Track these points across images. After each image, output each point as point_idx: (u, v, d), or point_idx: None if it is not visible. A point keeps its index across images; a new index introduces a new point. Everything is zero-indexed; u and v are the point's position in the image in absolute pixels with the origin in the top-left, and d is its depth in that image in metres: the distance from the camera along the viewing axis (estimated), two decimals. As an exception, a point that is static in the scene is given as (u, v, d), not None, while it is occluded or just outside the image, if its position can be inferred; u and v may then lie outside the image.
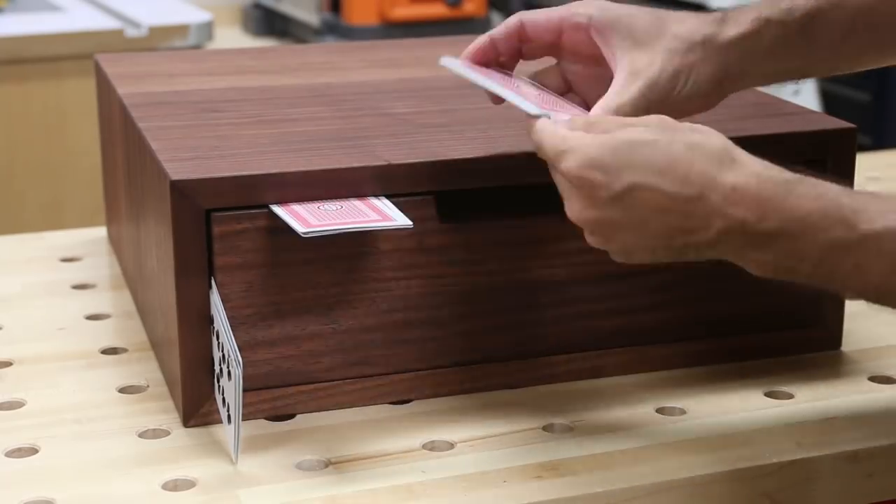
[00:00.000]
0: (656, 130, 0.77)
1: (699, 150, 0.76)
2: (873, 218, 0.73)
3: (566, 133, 0.79)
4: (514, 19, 0.92)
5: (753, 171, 0.75)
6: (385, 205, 0.86)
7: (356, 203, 0.86)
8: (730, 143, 0.77)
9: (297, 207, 0.85)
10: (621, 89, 0.86)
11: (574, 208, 0.79)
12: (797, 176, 0.75)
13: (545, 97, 0.90)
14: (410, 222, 0.84)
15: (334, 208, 0.85)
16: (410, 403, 0.91)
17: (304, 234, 0.81)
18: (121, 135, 1.08)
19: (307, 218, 0.84)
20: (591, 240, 0.79)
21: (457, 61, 0.92)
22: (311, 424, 0.88)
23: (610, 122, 0.80)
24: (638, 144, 0.76)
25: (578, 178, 0.77)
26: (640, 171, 0.75)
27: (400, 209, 0.87)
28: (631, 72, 0.86)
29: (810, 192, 0.74)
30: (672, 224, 0.76)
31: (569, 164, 0.77)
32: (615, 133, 0.77)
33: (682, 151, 0.75)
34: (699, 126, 0.78)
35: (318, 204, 0.85)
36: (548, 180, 0.91)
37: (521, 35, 0.92)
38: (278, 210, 0.84)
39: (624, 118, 0.81)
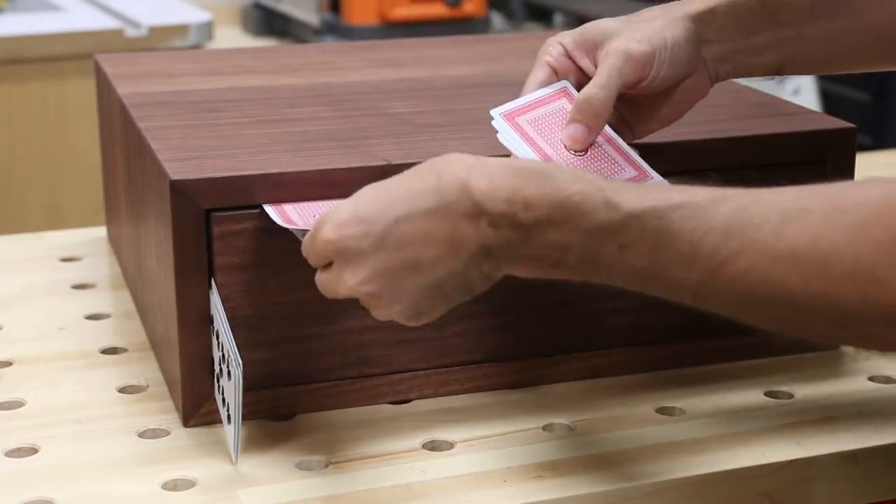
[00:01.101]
0: (395, 180, 0.76)
1: (441, 161, 0.75)
2: (635, 199, 0.70)
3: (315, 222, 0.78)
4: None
5: (505, 165, 0.73)
6: None
7: None
8: (476, 157, 0.75)
9: (290, 211, 0.85)
10: (598, 74, 0.86)
11: (345, 279, 0.76)
12: (550, 164, 0.75)
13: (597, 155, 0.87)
14: None
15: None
16: (410, 403, 0.91)
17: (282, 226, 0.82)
18: (121, 135, 1.08)
19: (292, 217, 0.84)
20: (376, 306, 0.76)
21: (506, 126, 0.88)
22: (311, 424, 0.88)
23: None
24: (386, 184, 0.75)
25: (340, 238, 0.75)
26: (398, 204, 0.74)
27: None
28: (605, 53, 0.86)
29: (568, 177, 0.72)
30: (446, 243, 0.73)
31: (324, 235, 0.76)
32: (360, 193, 0.76)
33: (428, 169, 0.75)
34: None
35: (314, 212, 0.84)
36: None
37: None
38: (270, 211, 0.84)
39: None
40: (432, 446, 0.86)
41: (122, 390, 0.94)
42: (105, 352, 1.00)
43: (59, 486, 0.81)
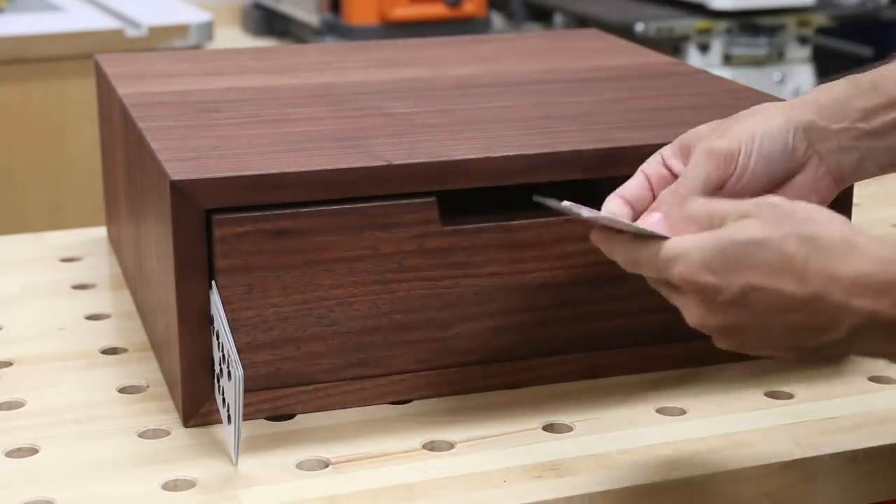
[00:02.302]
0: (767, 224, 0.72)
1: (814, 243, 0.70)
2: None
3: (668, 242, 0.74)
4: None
5: (875, 256, 0.69)
6: None
7: None
8: (850, 227, 0.71)
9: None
10: (682, 174, 0.81)
11: (693, 315, 0.74)
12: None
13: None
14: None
15: None
16: (410, 403, 0.91)
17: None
18: (121, 135, 1.08)
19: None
20: (721, 343, 0.75)
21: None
22: (311, 424, 0.88)
23: (716, 214, 0.75)
24: (748, 244, 0.71)
25: (691, 283, 0.72)
26: (754, 272, 0.71)
27: (401, 212, 0.87)
28: (692, 155, 0.82)
29: None
30: (798, 324, 0.71)
31: (679, 270, 0.73)
32: (723, 231, 0.73)
33: (796, 247, 0.70)
34: (815, 211, 0.73)
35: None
36: (548, 180, 0.91)
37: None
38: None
39: (732, 206, 0.75)
40: (432, 446, 0.86)
41: (122, 390, 0.94)
42: (105, 352, 1.00)
43: (59, 486, 0.81)
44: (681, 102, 1.06)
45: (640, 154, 0.92)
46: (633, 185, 0.83)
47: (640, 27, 2.78)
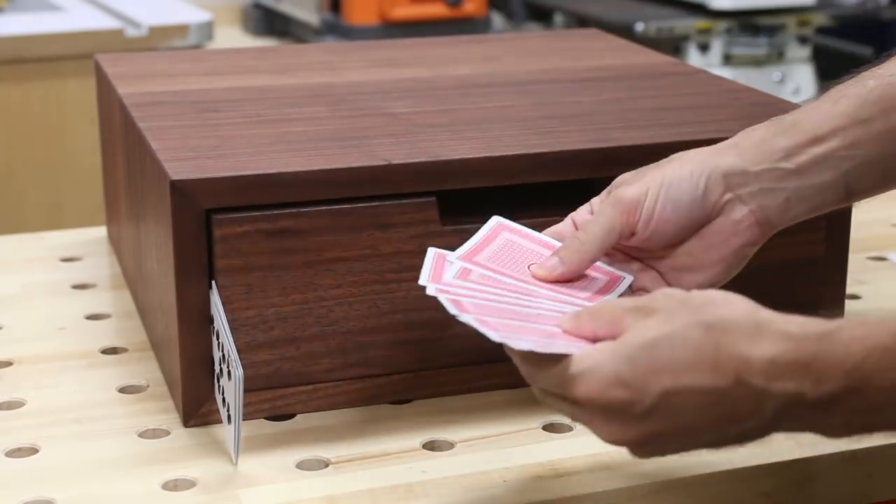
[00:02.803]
0: (667, 318, 0.68)
1: (719, 329, 0.67)
2: None
3: (571, 360, 0.69)
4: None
5: (785, 334, 0.67)
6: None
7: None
8: (751, 305, 0.69)
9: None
10: (596, 216, 0.82)
11: (607, 432, 0.70)
12: (833, 322, 0.67)
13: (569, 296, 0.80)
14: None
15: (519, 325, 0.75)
16: (410, 403, 0.91)
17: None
18: (121, 135, 1.08)
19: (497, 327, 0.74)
20: (640, 454, 0.71)
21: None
22: (311, 424, 0.88)
23: (613, 313, 0.71)
24: (653, 345, 0.67)
25: (602, 400, 0.68)
26: (667, 374, 0.67)
27: (401, 212, 0.87)
28: (609, 198, 0.82)
29: (855, 334, 0.66)
30: (721, 416, 0.67)
31: (586, 390, 0.68)
32: (626, 337, 0.69)
33: (702, 337, 0.67)
34: (714, 295, 0.70)
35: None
36: (548, 180, 0.91)
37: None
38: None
39: (627, 303, 0.71)
40: (432, 446, 0.86)
41: (122, 390, 0.94)
42: (105, 352, 1.00)
43: (59, 486, 0.81)
44: (681, 102, 1.06)
45: (640, 154, 0.92)
46: (559, 228, 0.85)
47: (640, 27, 2.78)
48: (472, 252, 0.82)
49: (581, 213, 0.85)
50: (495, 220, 0.85)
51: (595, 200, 0.85)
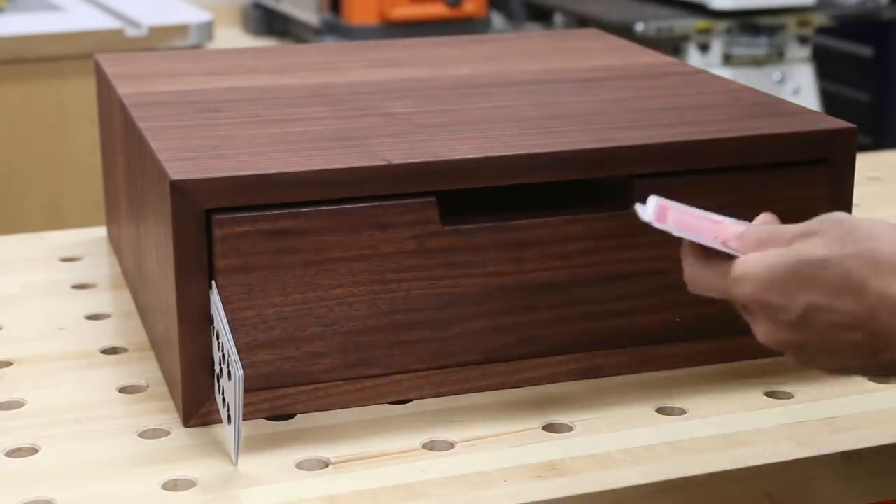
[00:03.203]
0: (830, 242, 0.73)
1: (873, 261, 0.71)
2: None
3: (735, 263, 0.75)
4: None
5: None
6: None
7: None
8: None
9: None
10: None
11: (762, 332, 0.75)
12: None
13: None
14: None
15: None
16: (410, 403, 0.91)
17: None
18: (121, 135, 1.08)
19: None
20: (795, 362, 0.76)
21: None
22: (311, 424, 0.88)
23: (781, 235, 0.75)
24: (809, 264, 0.73)
25: (757, 302, 0.74)
26: (815, 291, 0.72)
27: (401, 212, 0.87)
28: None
29: None
30: (859, 343, 0.72)
31: (744, 290, 0.74)
32: (787, 250, 0.74)
33: (856, 266, 0.71)
34: (878, 228, 0.73)
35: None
36: (548, 180, 0.91)
37: None
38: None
39: (793, 228, 0.76)
40: (432, 446, 0.86)
41: (122, 390, 0.94)
42: (105, 352, 1.00)
43: (59, 486, 0.81)
44: (681, 102, 1.06)
45: (641, 154, 0.92)
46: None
47: (640, 27, 2.78)
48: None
49: None
50: (655, 201, 0.82)
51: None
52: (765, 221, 0.80)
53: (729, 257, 0.77)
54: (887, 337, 0.71)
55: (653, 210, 0.80)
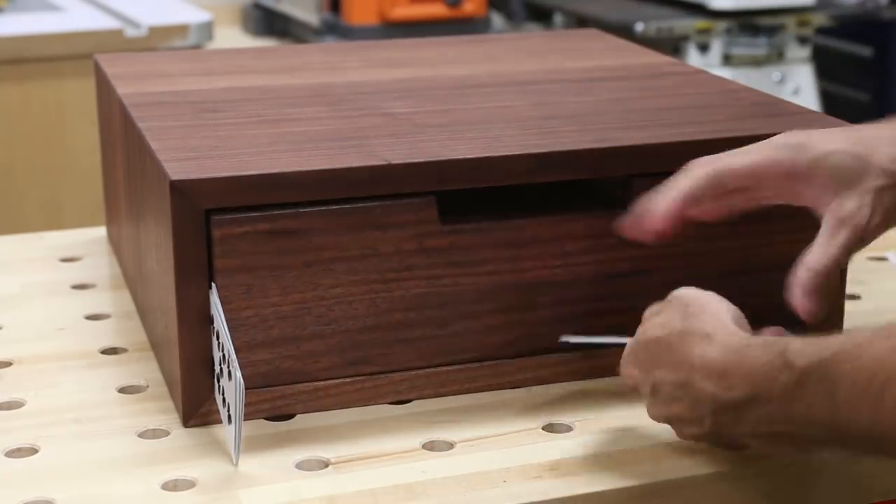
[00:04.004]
0: (658, 324, 0.81)
1: (687, 334, 0.78)
2: (807, 352, 0.71)
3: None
4: (703, 169, 0.86)
5: (723, 342, 0.76)
6: None
7: None
8: (729, 317, 0.79)
9: None
10: (827, 242, 0.84)
11: (650, 406, 0.82)
12: (763, 337, 0.76)
13: None
14: None
15: None
16: (410, 403, 0.91)
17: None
18: (121, 135, 1.08)
19: None
20: (680, 434, 0.82)
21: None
22: (311, 424, 0.88)
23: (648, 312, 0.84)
24: (645, 343, 0.81)
25: (625, 376, 0.83)
26: (658, 368, 0.79)
27: (400, 211, 0.87)
28: (837, 220, 0.84)
29: (763, 343, 0.74)
30: (686, 412, 0.78)
31: (622, 370, 0.83)
32: (639, 330, 0.83)
33: (677, 342, 0.79)
34: (708, 303, 0.81)
35: None
36: (548, 180, 0.91)
37: (716, 187, 0.86)
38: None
39: (653, 307, 0.84)
40: (432, 446, 0.86)
41: (122, 390, 0.94)
42: (105, 352, 1.00)
43: (59, 486, 0.81)
44: (681, 102, 1.06)
45: (640, 154, 0.92)
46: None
47: (640, 27, 2.78)
48: None
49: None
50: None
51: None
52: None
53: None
54: (698, 398, 0.76)
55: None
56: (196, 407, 0.87)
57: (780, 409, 0.72)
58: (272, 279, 0.87)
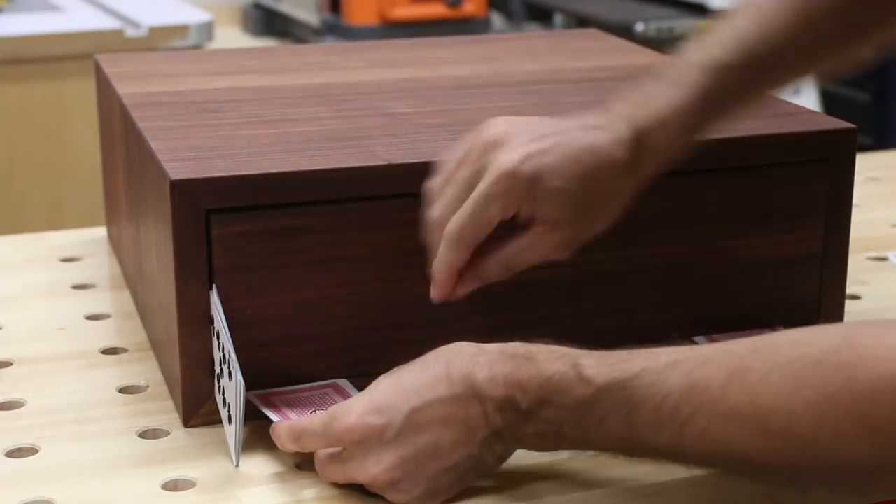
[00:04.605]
0: (406, 373, 0.79)
1: (450, 358, 0.78)
2: (604, 372, 0.74)
3: (321, 414, 0.80)
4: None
5: (501, 351, 0.77)
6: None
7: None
8: (476, 347, 0.79)
9: (290, 414, 0.85)
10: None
11: (367, 467, 0.77)
12: (535, 346, 0.77)
13: None
14: None
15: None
16: (410, 403, 0.91)
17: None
18: (121, 135, 1.08)
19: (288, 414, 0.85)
20: (395, 491, 0.77)
21: None
22: (311, 424, 0.88)
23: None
24: (399, 376, 0.79)
25: (359, 429, 0.77)
26: (413, 394, 0.77)
27: (400, 211, 0.87)
28: None
29: (548, 356, 0.76)
30: (461, 429, 0.77)
31: (344, 422, 0.77)
32: (373, 386, 0.79)
33: (435, 364, 0.78)
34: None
35: (311, 410, 0.85)
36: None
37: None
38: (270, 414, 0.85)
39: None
40: (432, 446, 0.86)
41: (122, 390, 0.94)
42: (105, 352, 1.00)
43: (59, 486, 0.81)
44: (681, 102, 1.06)
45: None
46: None
47: (640, 27, 2.78)
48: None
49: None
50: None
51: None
52: None
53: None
54: (482, 406, 0.76)
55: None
56: (196, 407, 0.87)
57: (570, 416, 0.75)
58: (272, 278, 0.87)
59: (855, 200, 1.00)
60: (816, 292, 0.99)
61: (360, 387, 0.84)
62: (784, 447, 0.67)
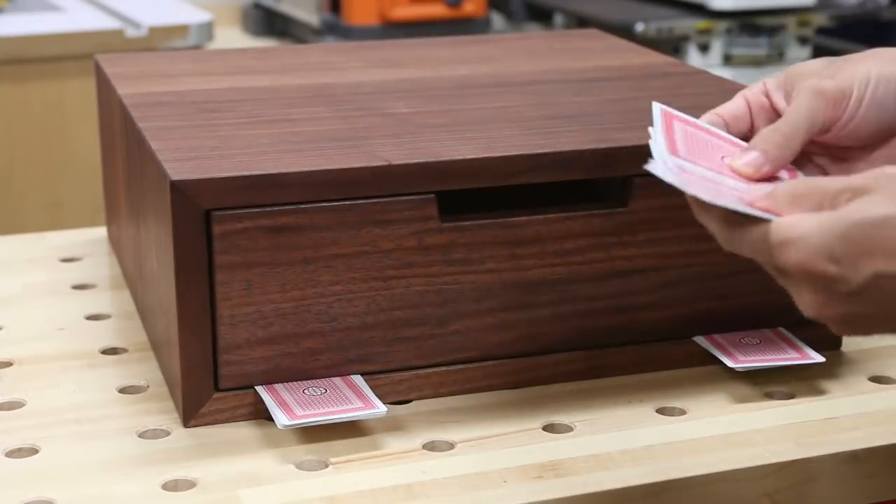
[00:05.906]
0: (885, 199, 0.65)
1: None
2: None
3: (777, 225, 0.67)
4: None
5: None
6: (366, 387, 0.88)
7: (340, 385, 0.88)
8: None
9: (283, 392, 0.85)
10: (787, 111, 0.78)
11: (809, 304, 0.67)
12: None
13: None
14: (385, 409, 0.85)
15: (319, 392, 0.87)
16: (410, 403, 0.91)
17: (285, 426, 0.83)
18: (121, 135, 1.08)
19: (292, 408, 0.85)
20: (842, 331, 0.69)
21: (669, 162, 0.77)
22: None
23: (822, 192, 0.67)
24: (869, 225, 0.64)
25: (809, 272, 0.65)
26: (880, 257, 0.64)
27: (400, 209, 0.87)
28: (797, 92, 0.78)
29: None
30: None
31: (794, 258, 0.66)
32: (843, 212, 0.65)
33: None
34: None
35: (304, 387, 0.86)
36: (548, 180, 0.91)
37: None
38: (264, 395, 0.85)
39: (844, 182, 0.67)
40: (432, 446, 0.86)
41: (122, 390, 0.94)
42: (105, 352, 1.00)
43: (59, 486, 0.81)
44: (681, 102, 1.06)
45: (640, 154, 0.92)
46: (732, 107, 0.81)
47: (640, 27, 2.78)
48: (673, 148, 0.78)
49: (755, 94, 0.81)
50: (659, 109, 0.80)
51: (770, 84, 0.81)
52: (731, 112, 0.79)
53: (765, 220, 0.68)
54: None
55: (659, 120, 0.77)
56: (196, 407, 0.87)
57: None
58: (272, 275, 0.87)
59: (855, 200, 1.00)
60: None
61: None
62: None
